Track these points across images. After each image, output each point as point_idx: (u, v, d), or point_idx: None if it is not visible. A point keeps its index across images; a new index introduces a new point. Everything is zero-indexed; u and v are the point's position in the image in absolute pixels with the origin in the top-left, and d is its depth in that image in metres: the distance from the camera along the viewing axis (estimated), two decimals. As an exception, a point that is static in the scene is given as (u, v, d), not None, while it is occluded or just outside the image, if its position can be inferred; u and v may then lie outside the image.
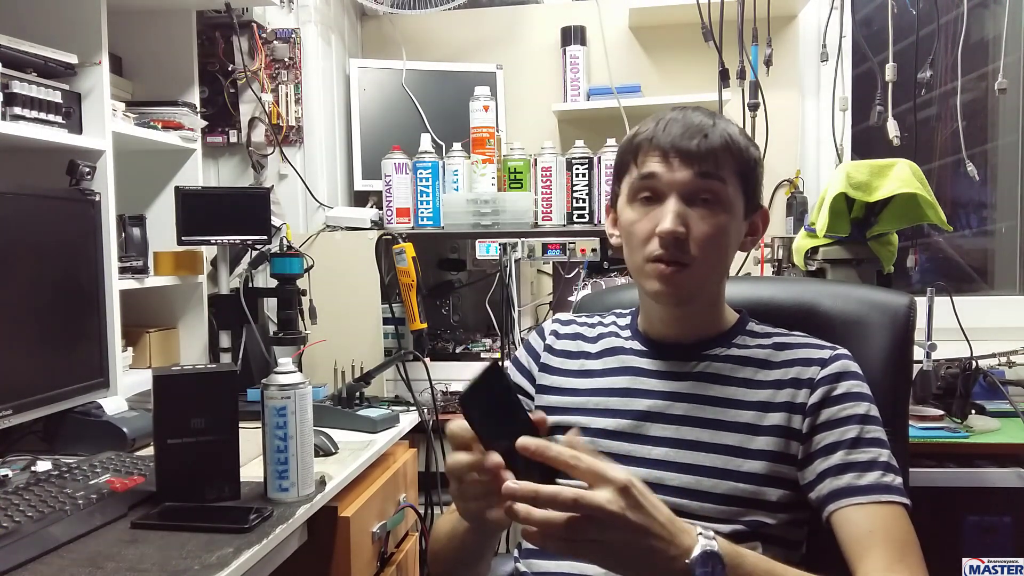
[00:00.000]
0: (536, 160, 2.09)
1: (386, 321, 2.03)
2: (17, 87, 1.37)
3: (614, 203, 1.02)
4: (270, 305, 2.00)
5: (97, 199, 1.52)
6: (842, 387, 0.94)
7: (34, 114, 1.41)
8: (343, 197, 2.41)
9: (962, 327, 1.74)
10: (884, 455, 0.90)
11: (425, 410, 1.85)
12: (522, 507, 0.68)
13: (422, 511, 1.83)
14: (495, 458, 0.71)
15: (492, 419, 0.74)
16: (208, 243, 1.82)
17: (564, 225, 2.09)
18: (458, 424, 0.75)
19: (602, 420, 0.98)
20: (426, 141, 2.13)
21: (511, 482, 0.69)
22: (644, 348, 1.03)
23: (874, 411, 0.94)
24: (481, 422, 0.74)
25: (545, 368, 1.08)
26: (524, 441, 0.70)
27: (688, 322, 1.00)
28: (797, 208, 2.27)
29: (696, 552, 0.70)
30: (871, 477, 0.88)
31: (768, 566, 0.77)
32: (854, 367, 0.96)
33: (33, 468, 1.27)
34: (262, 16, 2.23)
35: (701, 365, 0.99)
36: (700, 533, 0.72)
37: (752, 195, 0.97)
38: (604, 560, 0.71)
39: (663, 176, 0.93)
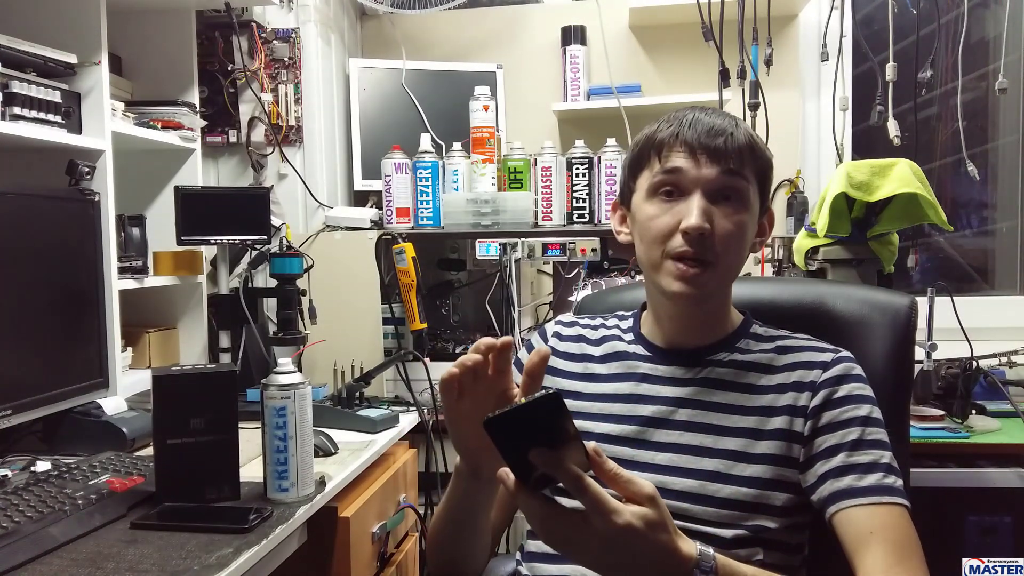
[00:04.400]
0: (536, 160, 2.09)
1: (386, 321, 2.03)
2: (17, 87, 1.37)
3: (625, 200, 1.02)
4: (270, 305, 2.00)
5: (97, 199, 1.52)
6: (843, 390, 0.93)
7: (34, 114, 1.40)
8: (343, 197, 2.41)
9: (963, 327, 1.74)
10: (886, 457, 0.90)
11: (425, 410, 1.84)
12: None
13: (422, 511, 1.83)
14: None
15: (524, 441, 0.69)
16: (208, 243, 1.82)
17: (564, 225, 2.09)
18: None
19: (607, 426, 0.98)
20: (426, 141, 2.13)
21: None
22: (648, 353, 1.02)
23: (876, 413, 0.93)
24: (509, 444, 0.69)
25: (547, 370, 1.07)
26: (595, 446, 0.71)
27: (695, 324, 1.00)
28: (797, 208, 2.27)
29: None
30: (872, 479, 0.88)
31: None
32: (856, 369, 0.96)
33: (33, 468, 1.27)
34: (262, 16, 2.23)
35: (705, 371, 0.98)
36: (700, 552, 0.73)
37: (765, 195, 0.98)
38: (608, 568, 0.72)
39: (689, 172, 0.92)
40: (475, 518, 0.94)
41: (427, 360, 1.91)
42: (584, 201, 2.06)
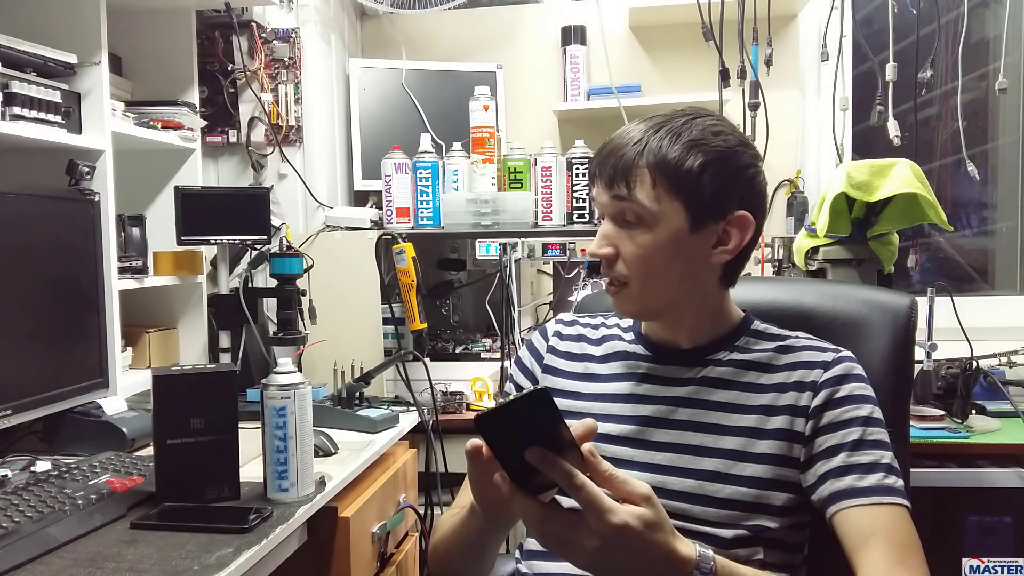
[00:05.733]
0: (536, 160, 2.09)
1: (386, 321, 2.03)
2: (17, 87, 1.37)
3: None
4: (270, 305, 2.00)
5: (97, 199, 1.51)
6: (844, 389, 0.93)
7: (34, 114, 1.40)
8: (343, 197, 2.41)
9: (963, 327, 1.74)
10: (886, 457, 0.90)
11: (425, 410, 1.84)
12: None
13: (422, 511, 1.83)
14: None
15: (517, 442, 0.70)
16: (208, 243, 1.82)
17: (564, 225, 2.09)
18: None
19: (607, 425, 0.98)
20: (426, 141, 2.13)
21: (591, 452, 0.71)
22: (648, 353, 1.02)
23: (877, 413, 0.93)
24: (502, 445, 0.71)
25: (548, 369, 1.08)
26: (589, 447, 0.72)
27: (684, 327, 1.00)
28: (797, 208, 2.27)
29: None
30: (873, 479, 0.88)
31: None
32: (857, 369, 0.96)
33: (32, 468, 1.27)
34: (262, 16, 2.23)
35: (704, 370, 0.98)
36: (700, 553, 0.74)
37: (703, 205, 0.90)
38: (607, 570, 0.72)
39: (597, 199, 0.96)
40: (484, 549, 0.95)
41: (427, 360, 1.91)
42: (584, 201, 2.06)
